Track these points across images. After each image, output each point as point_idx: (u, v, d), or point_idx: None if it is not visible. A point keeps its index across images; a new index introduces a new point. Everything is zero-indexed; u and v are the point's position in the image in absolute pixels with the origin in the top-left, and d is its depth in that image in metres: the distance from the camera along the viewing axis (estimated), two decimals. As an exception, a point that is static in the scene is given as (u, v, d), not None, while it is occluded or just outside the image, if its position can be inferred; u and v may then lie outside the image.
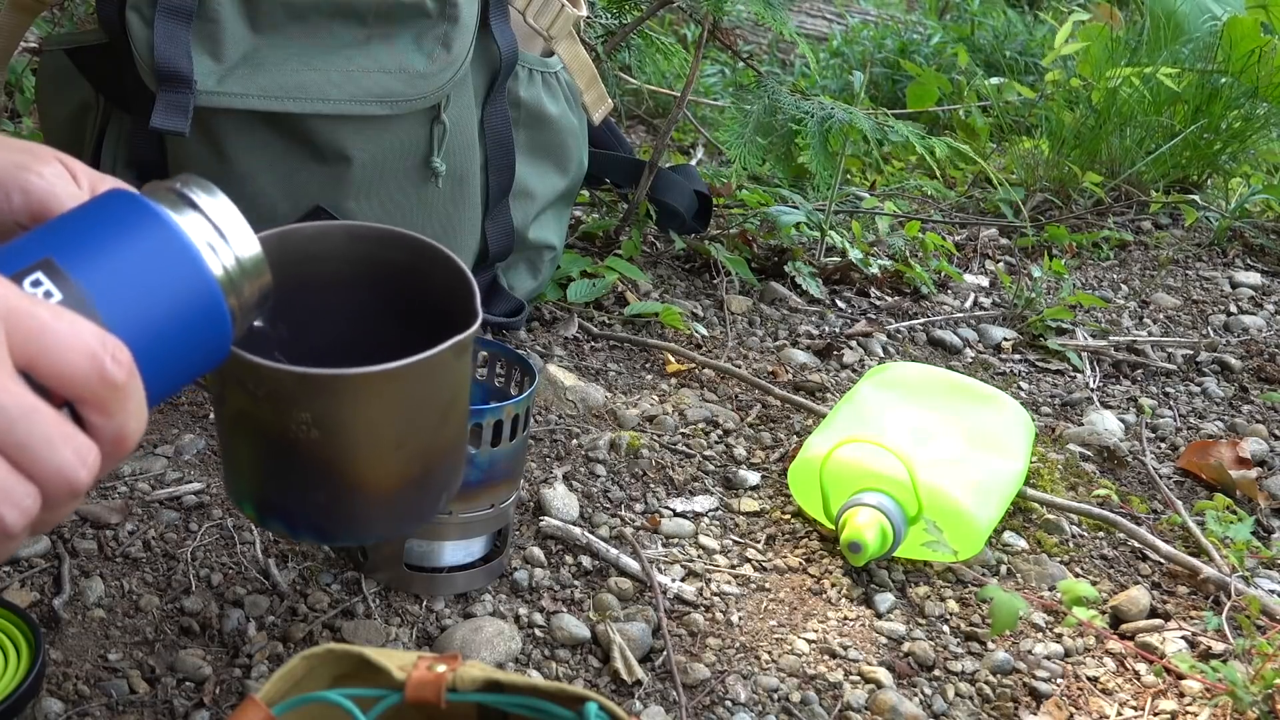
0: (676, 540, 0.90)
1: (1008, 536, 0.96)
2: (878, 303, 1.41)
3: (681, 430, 1.06)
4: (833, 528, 0.88)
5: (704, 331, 1.25)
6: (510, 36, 1.07)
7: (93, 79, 1.03)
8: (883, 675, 0.78)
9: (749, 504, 0.96)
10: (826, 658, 0.80)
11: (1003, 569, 0.92)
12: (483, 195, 1.10)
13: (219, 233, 0.46)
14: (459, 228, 1.09)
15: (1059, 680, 0.81)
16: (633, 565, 0.86)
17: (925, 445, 0.94)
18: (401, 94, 0.99)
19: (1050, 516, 0.99)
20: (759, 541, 0.92)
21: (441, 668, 0.49)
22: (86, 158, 1.05)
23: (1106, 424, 1.17)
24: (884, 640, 0.83)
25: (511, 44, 1.07)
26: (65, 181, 0.54)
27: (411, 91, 0.99)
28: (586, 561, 0.86)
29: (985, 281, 1.52)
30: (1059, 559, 0.95)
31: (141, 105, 0.97)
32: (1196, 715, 0.77)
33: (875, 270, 1.43)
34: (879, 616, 0.85)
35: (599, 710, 0.47)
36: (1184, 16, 1.98)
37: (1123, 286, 1.57)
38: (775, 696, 0.76)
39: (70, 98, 1.04)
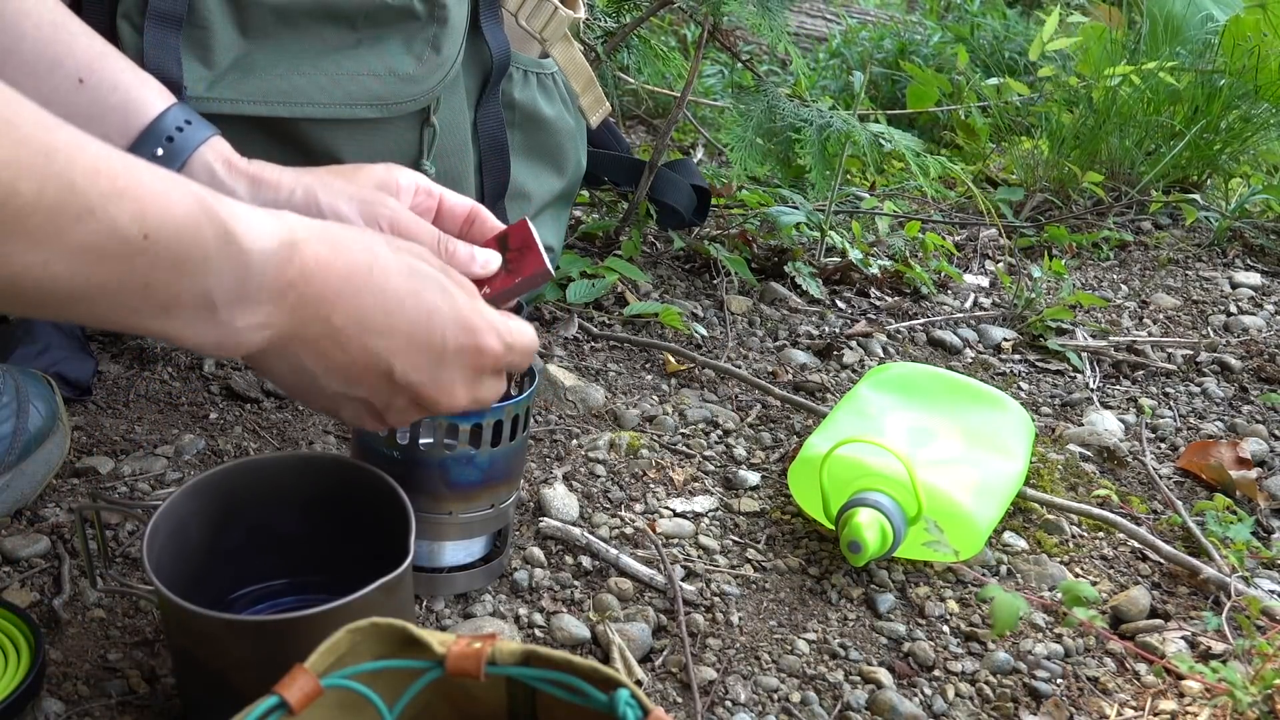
0: (676, 540, 0.90)
1: (1008, 536, 0.96)
2: (878, 303, 1.41)
3: (681, 430, 1.06)
4: (833, 528, 0.88)
5: (704, 332, 1.25)
6: (502, 38, 1.07)
7: None
8: (883, 675, 0.78)
9: (749, 504, 0.96)
10: (826, 658, 0.80)
11: (1003, 569, 0.92)
12: (477, 197, 1.10)
13: None
14: (457, 229, 1.09)
15: (1059, 680, 0.81)
16: (633, 565, 0.86)
17: (925, 445, 0.94)
18: (391, 97, 0.99)
19: (1050, 516, 0.99)
20: (759, 541, 0.92)
21: (479, 644, 0.50)
22: None
23: (1106, 424, 1.17)
24: (884, 640, 0.83)
25: (503, 46, 1.07)
26: (406, 202, 0.72)
27: (401, 94, 0.99)
28: (586, 562, 0.86)
29: (985, 282, 1.53)
30: (1059, 559, 0.94)
31: None
32: (1196, 715, 0.77)
33: (875, 270, 1.43)
34: (879, 616, 0.85)
35: (630, 697, 0.47)
36: (1182, 17, 1.98)
37: (1123, 286, 1.57)
38: (775, 697, 0.76)
39: None
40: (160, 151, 0.65)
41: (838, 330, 1.31)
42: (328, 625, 0.54)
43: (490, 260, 0.70)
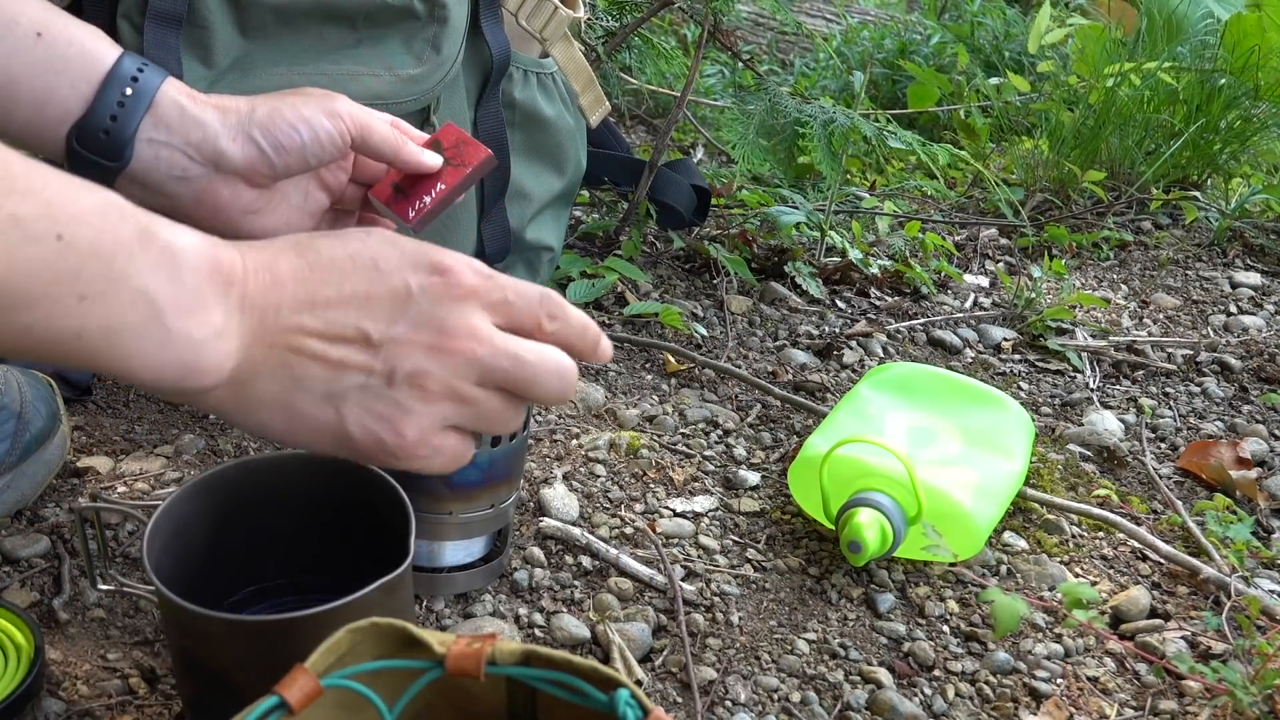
0: (676, 540, 0.90)
1: (1008, 536, 0.96)
2: (878, 303, 1.41)
3: (681, 430, 1.06)
4: (833, 528, 0.88)
5: (704, 331, 1.25)
6: (502, 38, 1.07)
7: None
8: (883, 675, 0.78)
9: (749, 504, 0.96)
10: (826, 658, 0.80)
11: (1003, 569, 0.92)
12: (477, 197, 1.10)
13: None
14: (454, 229, 1.09)
15: (1059, 680, 0.81)
16: (633, 565, 0.86)
17: (925, 445, 0.94)
18: (391, 96, 0.99)
19: (1050, 516, 0.99)
20: (759, 541, 0.92)
21: (479, 644, 0.50)
22: None
23: (1106, 424, 1.17)
24: (884, 640, 0.83)
25: (503, 45, 1.07)
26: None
27: (401, 94, 0.99)
28: (586, 561, 0.86)
29: (985, 281, 1.53)
30: (1059, 559, 0.95)
31: None
32: (1196, 715, 0.77)
33: (875, 270, 1.43)
34: (879, 616, 0.85)
35: (629, 697, 0.47)
36: (1183, 16, 1.98)
37: (1123, 286, 1.57)
38: (775, 697, 0.76)
39: None
40: (129, 91, 0.64)
41: (838, 330, 1.31)
42: (328, 625, 0.54)
43: (434, 159, 0.72)
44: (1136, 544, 0.97)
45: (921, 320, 1.36)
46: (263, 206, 0.70)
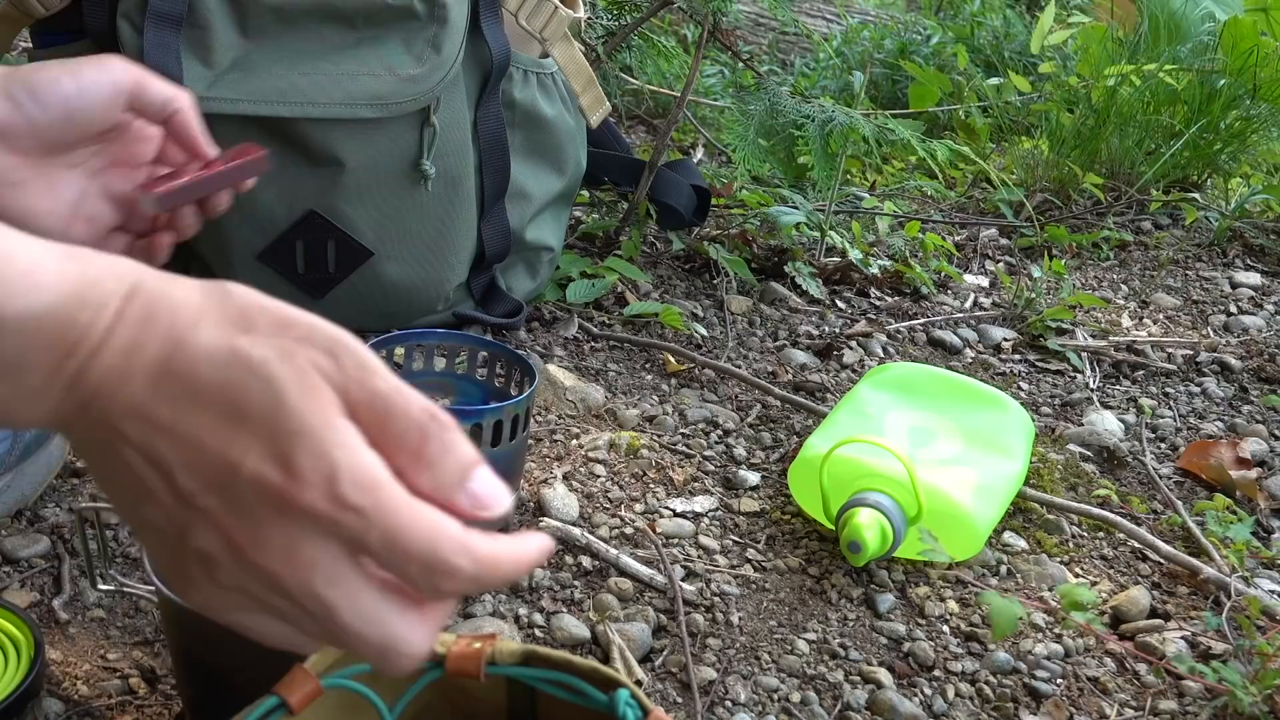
0: (676, 540, 0.90)
1: (1008, 536, 0.96)
2: (878, 303, 1.41)
3: (681, 430, 1.06)
4: (833, 528, 0.88)
5: (704, 332, 1.25)
6: (502, 38, 1.07)
7: None
8: (883, 675, 0.78)
9: (749, 504, 0.96)
10: (826, 658, 0.80)
11: (1003, 569, 0.92)
12: (478, 197, 1.10)
13: None
14: (454, 230, 1.09)
15: (1059, 680, 0.81)
16: (633, 565, 0.86)
17: (925, 445, 0.94)
18: (391, 96, 0.99)
19: (1050, 516, 0.99)
20: (759, 541, 0.92)
21: (479, 644, 0.50)
22: None
23: (1106, 424, 1.17)
24: (884, 640, 0.83)
25: (503, 46, 1.07)
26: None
27: (401, 94, 0.99)
28: (586, 561, 0.86)
29: (985, 282, 1.53)
30: (1059, 559, 0.94)
31: None
32: (1196, 715, 0.77)
33: (875, 270, 1.43)
34: (879, 616, 0.85)
35: (630, 697, 0.47)
36: (1184, 17, 1.98)
37: (1123, 286, 1.57)
38: (775, 697, 0.76)
39: None
40: None
41: (838, 330, 1.31)
42: None
43: (207, 139, 0.67)
44: (1136, 544, 0.97)
45: (921, 320, 1.36)
46: (26, 180, 0.62)
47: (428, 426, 0.40)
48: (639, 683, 0.75)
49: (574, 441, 1.01)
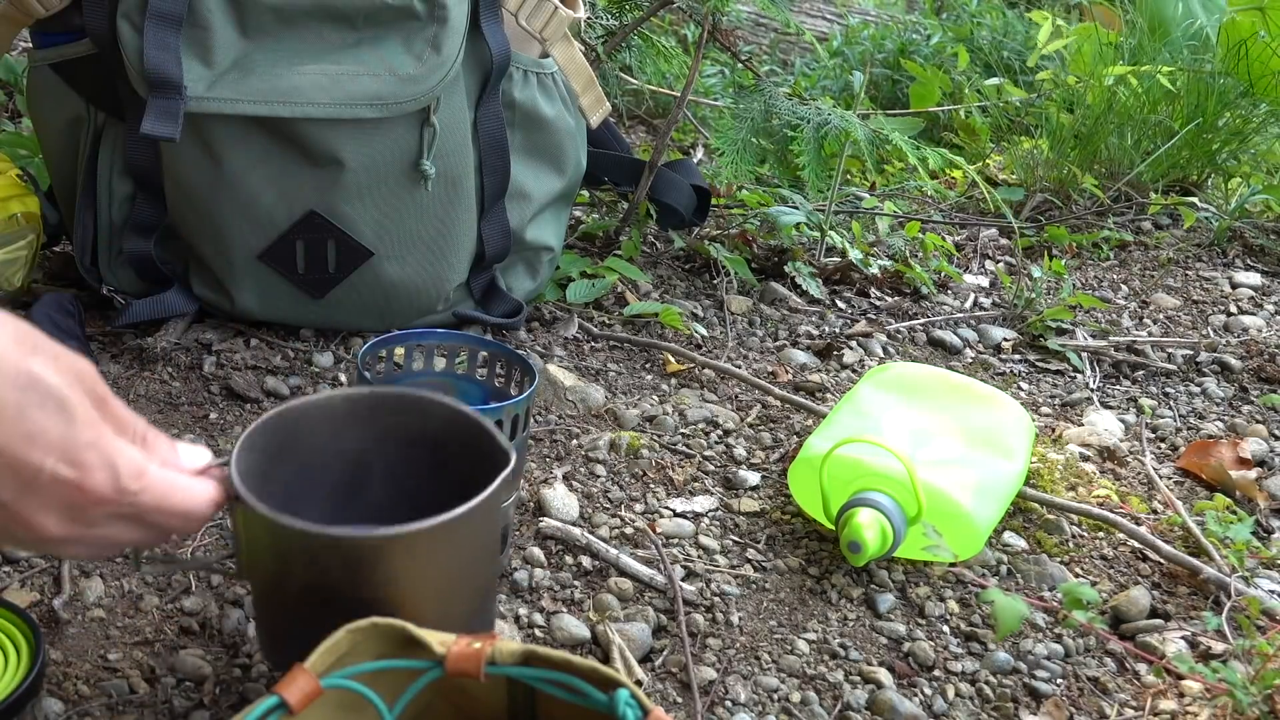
0: (676, 540, 0.90)
1: (1008, 536, 0.96)
2: (878, 303, 1.41)
3: (681, 430, 1.06)
4: (833, 528, 0.88)
5: (704, 332, 1.25)
6: (502, 38, 1.07)
7: (81, 91, 1.03)
8: (883, 675, 0.78)
9: (749, 504, 0.96)
10: (826, 658, 0.80)
11: (1003, 569, 0.92)
12: (478, 197, 1.10)
13: None
14: (454, 230, 1.09)
15: (1059, 680, 0.81)
16: (633, 565, 0.86)
17: (925, 445, 0.94)
18: (391, 96, 0.99)
19: (1050, 516, 0.99)
20: (759, 541, 0.92)
21: (479, 644, 0.50)
22: (82, 167, 1.06)
23: (1106, 424, 1.17)
24: (884, 640, 0.83)
25: (503, 46, 1.07)
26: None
27: (401, 94, 0.99)
28: (586, 562, 0.86)
29: (985, 282, 1.53)
30: (1059, 559, 0.95)
31: (134, 112, 0.98)
32: (1196, 715, 0.77)
33: (875, 270, 1.43)
34: (879, 616, 0.85)
35: (630, 697, 0.47)
36: (1168, 19, 1.98)
37: (1123, 286, 1.57)
38: (775, 697, 0.76)
39: (62, 110, 1.05)
40: None
41: (838, 330, 1.31)
42: (462, 524, 0.57)
43: None
44: (1136, 544, 0.97)
45: (921, 320, 1.36)
46: None
47: (142, 429, 0.57)
48: (639, 683, 0.75)
49: (574, 441, 1.01)
